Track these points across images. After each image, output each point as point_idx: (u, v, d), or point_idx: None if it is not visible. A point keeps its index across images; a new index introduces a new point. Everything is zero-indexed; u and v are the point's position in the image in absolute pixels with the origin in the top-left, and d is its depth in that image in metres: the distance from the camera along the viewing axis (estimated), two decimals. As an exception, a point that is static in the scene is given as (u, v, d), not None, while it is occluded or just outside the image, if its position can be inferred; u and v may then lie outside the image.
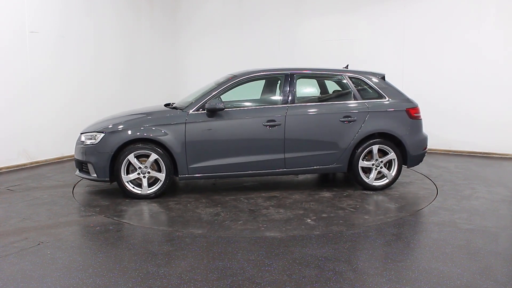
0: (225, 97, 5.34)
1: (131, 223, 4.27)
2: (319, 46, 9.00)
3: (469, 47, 7.83)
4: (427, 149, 5.59)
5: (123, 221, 4.31)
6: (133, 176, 4.96)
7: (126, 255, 3.43)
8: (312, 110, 5.29)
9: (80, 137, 5.21)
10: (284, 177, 6.07)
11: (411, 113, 5.35)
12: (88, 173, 5.09)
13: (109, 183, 5.08)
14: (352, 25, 8.79)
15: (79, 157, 5.14)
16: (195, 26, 10.25)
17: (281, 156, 5.14)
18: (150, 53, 9.53)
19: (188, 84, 9.79)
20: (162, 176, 4.98)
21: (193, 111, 5.05)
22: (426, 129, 5.67)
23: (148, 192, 4.99)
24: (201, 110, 5.05)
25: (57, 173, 6.40)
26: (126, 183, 4.97)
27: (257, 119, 5.10)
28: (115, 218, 4.39)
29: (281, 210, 4.59)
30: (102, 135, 4.98)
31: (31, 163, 6.96)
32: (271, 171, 5.22)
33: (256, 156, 5.12)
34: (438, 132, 7.77)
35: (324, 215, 4.42)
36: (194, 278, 3.02)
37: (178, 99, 6.32)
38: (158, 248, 3.58)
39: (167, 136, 4.93)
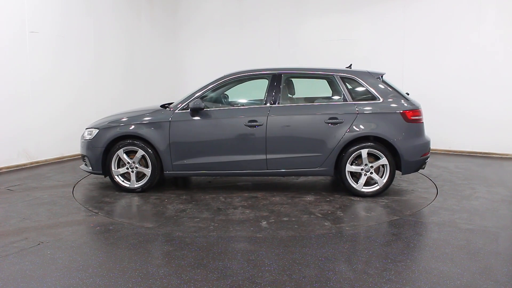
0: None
1: (95, 211, 4.60)
2: (319, 46, 9.01)
3: (469, 46, 7.84)
4: (428, 155, 5.16)
5: (89, 208, 4.70)
6: (122, 170, 5.26)
7: (126, 255, 3.43)
8: (295, 111, 5.15)
9: (84, 132, 5.54)
10: (283, 179, 6.04)
11: (407, 115, 4.98)
12: (87, 166, 5.47)
13: (103, 176, 5.42)
14: (352, 25, 8.79)
15: (81, 151, 5.55)
16: (195, 26, 10.25)
17: (263, 157, 5.08)
18: (150, 53, 9.53)
19: (189, 83, 9.79)
20: (148, 171, 5.21)
21: (178, 110, 5.23)
22: (427, 129, 5.52)
23: (135, 186, 5.26)
24: (185, 109, 5.20)
25: (57, 173, 6.40)
26: (116, 177, 5.28)
27: (239, 119, 5.11)
28: (89, 208, 4.72)
29: (247, 211, 4.57)
30: (97, 130, 5.34)
31: (31, 163, 6.96)
32: (253, 171, 5.18)
33: (238, 156, 5.12)
34: (438, 132, 7.76)
35: (285, 218, 4.31)
36: (194, 278, 3.01)
37: (178, 99, 6.33)
38: (158, 248, 3.58)
39: (153, 133, 5.15)
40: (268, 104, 5.15)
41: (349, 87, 5.21)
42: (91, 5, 7.91)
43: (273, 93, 5.18)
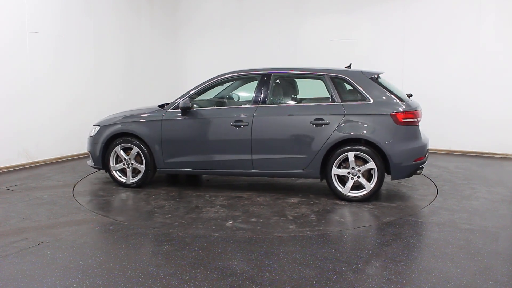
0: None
1: (81, 203, 4.90)
2: (319, 46, 9.00)
3: (469, 46, 7.84)
4: (423, 159, 4.89)
5: (78, 200, 4.95)
6: (119, 166, 5.50)
7: (126, 255, 3.43)
8: (281, 112, 5.10)
9: (91, 129, 5.83)
10: (281, 179, 5.94)
11: (398, 118, 4.72)
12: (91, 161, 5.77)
13: (104, 171, 5.70)
14: (352, 25, 8.79)
15: (86, 147, 5.84)
16: (195, 26, 10.25)
17: (248, 157, 5.08)
18: (150, 53, 9.53)
19: (188, 83, 9.74)
20: (142, 168, 5.41)
21: (170, 109, 5.37)
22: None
23: (131, 181, 5.48)
24: (176, 109, 5.33)
25: (57, 173, 6.40)
26: (114, 172, 5.53)
27: (226, 118, 5.15)
28: (78, 200, 4.99)
29: (222, 210, 4.59)
30: (98, 128, 5.64)
31: (31, 163, 6.96)
32: (240, 171, 5.21)
33: (225, 155, 5.17)
34: (438, 132, 7.76)
35: (253, 219, 4.28)
36: (194, 278, 3.02)
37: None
38: (158, 248, 3.58)
39: (147, 131, 5.34)
40: (255, 104, 5.15)
41: (339, 87, 5.07)
42: (91, 5, 7.91)
43: (261, 93, 5.17)
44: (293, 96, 5.58)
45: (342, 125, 4.82)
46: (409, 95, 5.33)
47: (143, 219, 4.35)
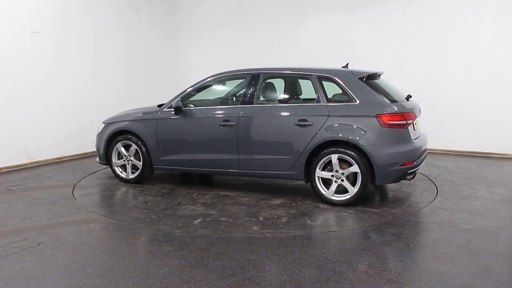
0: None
1: (76, 196, 5.14)
2: (319, 46, 8.99)
3: (469, 46, 7.83)
4: (413, 163, 4.64)
5: (74, 195, 5.09)
6: (120, 162, 5.76)
7: (126, 255, 3.43)
8: (267, 112, 5.06)
9: (99, 126, 6.10)
10: (279, 180, 5.84)
11: (384, 120, 4.51)
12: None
13: (108, 166, 5.94)
14: (352, 25, 8.78)
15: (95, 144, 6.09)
16: (195, 26, 10.25)
17: (235, 156, 5.11)
18: (150, 53, 9.52)
19: (188, 83, 9.74)
20: (140, 164, 5.61)
21: (165, 109, 5.54)
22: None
23: (130, 177, 5.71)
24: (170, 108, 5.46)
25: (57, 173, 6.40)
26: (115, 168, 5.80)
27: (215, 118, 5.22)
28: (74, 194, 5.24)
29: (200, 208, 4.64)
30: (103, 125, 5.92)
31: (31, 163, 6.96)
32: (227, 170, 5.25)
33: (213, 154, 5.25)
34: (438, 132, 7.76)
35: (223, 219, 4.30)
36: (194, 278, 3.02)
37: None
38: (158, 248, 3.58)
39: (144, 130, 5.54)
40: (242, 104, 5.17)
41: (326, 88, 4.97)
42: (91, 5, 7.91)
43: (249, 93, 5.18)
44: (281, 96, 5.51)
45: (326, 126, 4.70)
46: (409, 96, 5.23)
47: (119, 213, 4.48)
